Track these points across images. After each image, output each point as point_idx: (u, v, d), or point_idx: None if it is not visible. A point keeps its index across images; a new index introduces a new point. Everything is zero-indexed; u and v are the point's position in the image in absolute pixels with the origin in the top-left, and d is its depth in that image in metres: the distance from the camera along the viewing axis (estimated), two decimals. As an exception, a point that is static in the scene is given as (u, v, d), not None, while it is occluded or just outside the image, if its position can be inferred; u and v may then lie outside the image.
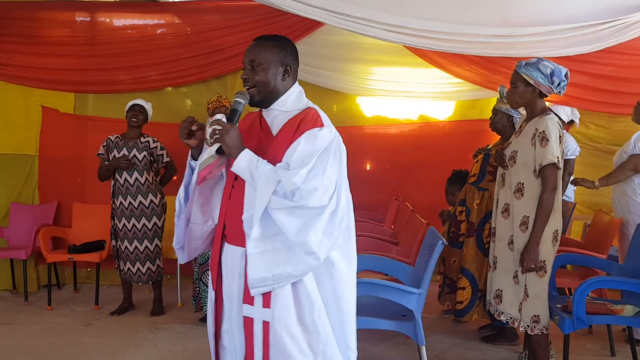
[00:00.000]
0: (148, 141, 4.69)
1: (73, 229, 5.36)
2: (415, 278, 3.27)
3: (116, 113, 5.39)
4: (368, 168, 6.00)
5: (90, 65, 5.54)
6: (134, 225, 4.59)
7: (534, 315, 3.13)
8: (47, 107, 5.59)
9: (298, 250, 1.88)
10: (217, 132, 1.96)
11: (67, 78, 5.55)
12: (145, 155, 4.61)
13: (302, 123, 1.98)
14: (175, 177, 4.89)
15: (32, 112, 5.57)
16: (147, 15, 5.73)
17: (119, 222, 4.62)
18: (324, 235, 1.87)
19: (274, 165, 1.94)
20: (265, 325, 1.96)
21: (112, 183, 4.66)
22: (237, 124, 2.03)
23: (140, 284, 4.77)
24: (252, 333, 2.00)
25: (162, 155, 4.71)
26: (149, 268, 4.63)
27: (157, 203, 4.62)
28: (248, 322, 2.01)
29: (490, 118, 3.93)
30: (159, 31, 5.70)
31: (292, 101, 2.07)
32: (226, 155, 2.01)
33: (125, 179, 4.58)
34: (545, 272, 3.10)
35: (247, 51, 2.08)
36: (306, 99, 2.13)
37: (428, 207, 5.06)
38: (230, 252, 2.09)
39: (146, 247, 4.60)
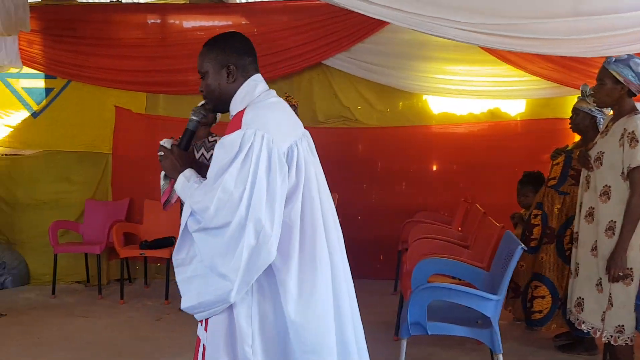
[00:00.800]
0: (216, 140, 4.76)
1: (144, 225, 5.52)
2: (490, 283, 3.17)
3: (186, 113, 5.35)
4: (434, 169, 5.88)
5: (161, 67, 5.68)
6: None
7: (619, 325, 2.98)
8: (120, 107, 5.78)
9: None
10: (160, 157, 1.95)
11: (139, 79, 5.71)
12: (213, 154, 4.67)
13: (227, 129, 1.85)
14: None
15: (106, 111, 5.77)
16: (215, 17, 5.84)
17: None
18: (229, 254, 1.69)
19: None
20: (205, 348, 1.86)
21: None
22: (184, 144, 1.97)
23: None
24: (197, 353, 1.91)
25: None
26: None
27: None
28: (197, 342, 1.92)
29: (571, 118, 3.76)
30: (226, 32, 5.78)
31: (238, 103, 1.90)
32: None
33: (196, 177, 4.66)
34: (632, 280, 2.93)
35: None
36: (256, 93, 1.89)
37: (498, 209, 4.88)
38: None
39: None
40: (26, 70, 5.75)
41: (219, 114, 4.86)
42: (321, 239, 1.81)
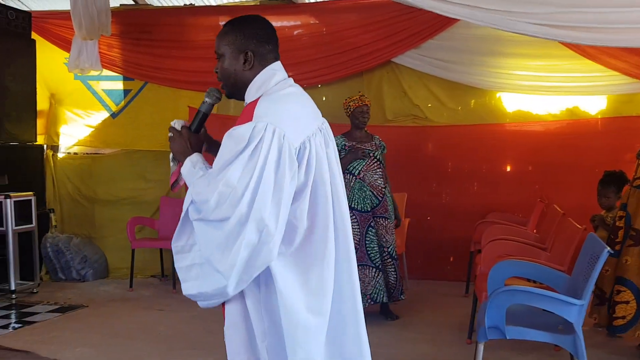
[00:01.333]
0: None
1: (215, 223, 5.65)
2: (572, 287, 3.02)
3: (256, 113, 5.58)
4: (508, 169, 5.70)
5: (232, 67, 5.78)
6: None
7: None
8: (193, 107, 5.92)
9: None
10: (169, 139, 1.89)
11: (211, 80, 5.75)
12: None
13: (239, 119, 1.76)
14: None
15: (180, 112, 5.91)
16: (284, 17, 5.90)
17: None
18: (226, 250, 1.62)
19: None
20: None
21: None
22: (195, 126, 1.90)
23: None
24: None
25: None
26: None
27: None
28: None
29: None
30: (295, 32, 5.84)
31: (253, 92, 1.80)
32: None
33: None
34: None
35: None
36: (272, 83, 1.79)
37: (576, 211, 4.68)
38: None
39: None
40: (106, 72, 6.03)
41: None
42: (331, 240, 1.73)
